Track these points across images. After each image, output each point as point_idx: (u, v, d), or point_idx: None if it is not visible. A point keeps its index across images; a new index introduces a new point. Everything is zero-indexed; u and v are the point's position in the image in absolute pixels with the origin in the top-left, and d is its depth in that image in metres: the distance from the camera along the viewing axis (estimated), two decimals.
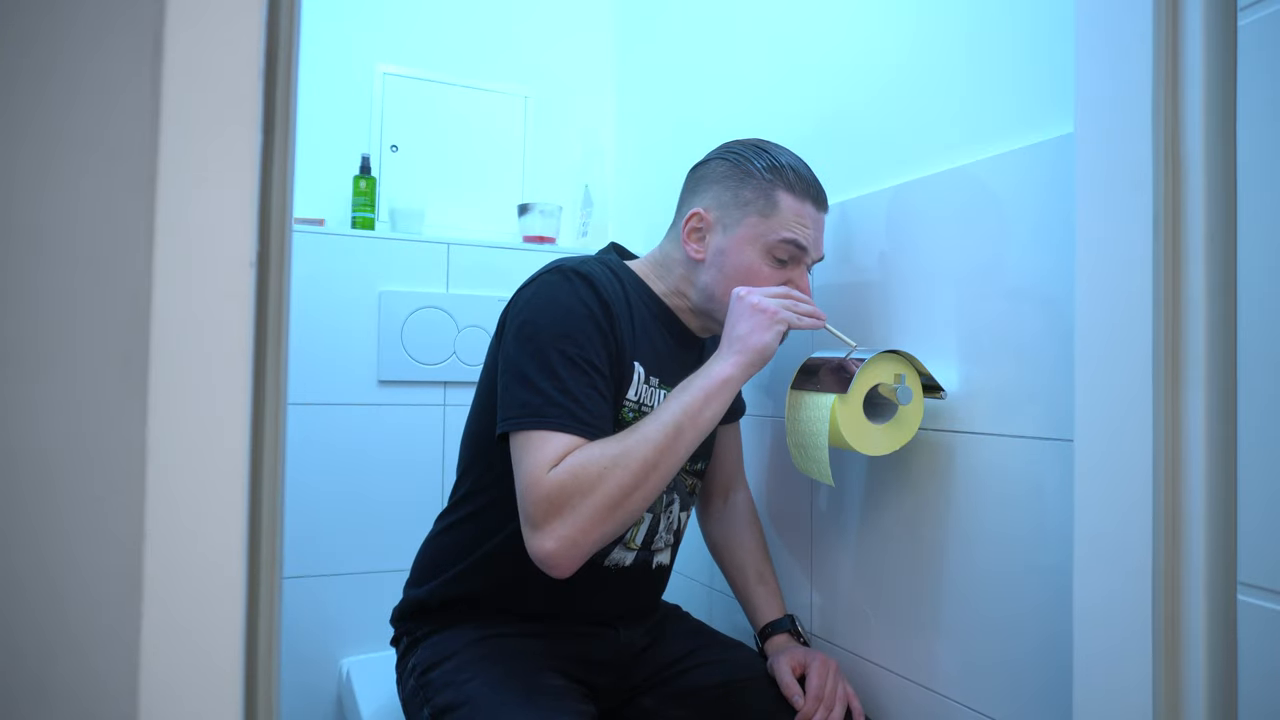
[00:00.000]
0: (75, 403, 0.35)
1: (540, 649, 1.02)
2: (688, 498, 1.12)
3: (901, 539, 1.01)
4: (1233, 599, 0.58)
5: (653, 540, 1.07)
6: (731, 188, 1.02)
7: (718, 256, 1.02)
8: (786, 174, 1.01)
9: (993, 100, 0.93)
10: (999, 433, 0.89)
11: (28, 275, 0.35)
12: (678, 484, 1.09)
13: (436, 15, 1.81)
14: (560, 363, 0.91)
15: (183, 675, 0.36)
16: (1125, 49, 0.64)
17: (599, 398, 0.92)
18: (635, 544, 1.05)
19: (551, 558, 0.86)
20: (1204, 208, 0.60)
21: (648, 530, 1.05)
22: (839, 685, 1.00)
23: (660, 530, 1.07)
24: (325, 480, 1.54)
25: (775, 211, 1.00)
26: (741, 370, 0.92)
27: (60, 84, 0.35)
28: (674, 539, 1.11)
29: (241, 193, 0.38)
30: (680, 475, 1.08)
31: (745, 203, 1.01)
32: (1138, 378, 0.63)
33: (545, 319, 0.94)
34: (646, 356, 1.02)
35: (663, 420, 0.89)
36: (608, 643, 1.07)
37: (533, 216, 1.74)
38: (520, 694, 0.92)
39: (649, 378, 1.02)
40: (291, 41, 0.41)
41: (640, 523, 1.04)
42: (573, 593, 1.00)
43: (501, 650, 1.00)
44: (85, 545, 0.35)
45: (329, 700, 1.54)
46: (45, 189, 0.35)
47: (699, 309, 1.07)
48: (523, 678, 0.96)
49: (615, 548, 1.04)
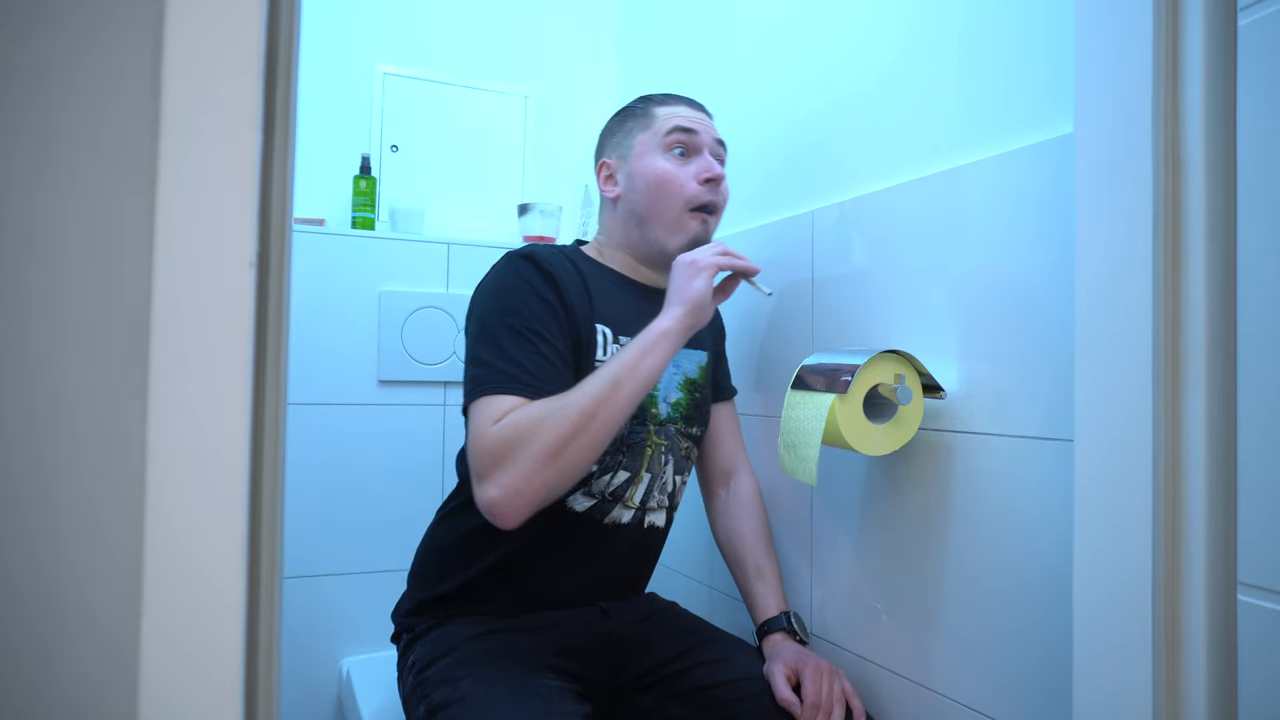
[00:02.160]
0: (76, 402, 0.35)
1: (535, 645, 1.03)
2: (683, 461, 1.16)
3: (901, 539, 1.01)
4: (1233, 599, 0.58)
5: (648, 500, 1.11)
6: (617, 129, 1.17)
7: (630, 181, 1.12)
8: (654, 96, 1.16)
9: (992, 100, 0.93)
10: (999, 433, 0.89)
11: (28, 275, 0.35)
12: (673, 446, 1.13)
13: (436, 15, 1.81)
14: (505, 335, 0.97)
15: (182, 675, 0.36)
16: (1125, 49, 0.64)
17: (543, 361, 0.97)
18: (633, 502, 1.09)
19: (495, 506, 0.89)
20: (1204, 208, 0.60)
21: (645, 489, 1.10)
22: (835, 685, 1.00)
23: (654, 491, 1.11)
24: (325, 480, 1.54)
25: (654, 119, 1.12)
26: (677, 322, 0.97)
27: (60, 84, 0.35)
28: (668, 502, 1.15)
29: (241, 193, 0.38)
30: (675, 438, 1.14)
31: (629, 131, 1.14)
32: (1138, 378, 0.63)
33: (489, 300, 1.02)
34: (612, 319, 1.08)
35: (601, 375, 0.93)
36: (597, 629, 1.09)
37: (533, 216, 1.74)
38: (512, 693, 0.93)
39: (618, 338, 1.07)
40: (291, 41, 0.41)
41: (639, 482, 1.09)
42: (564, 559, 1.06)
43: (496, 647, 1.02)
44: (85, 545, 0.35)
45: (329, 700, 1.54)
46: (45, 189, 0.35)
47: (643, 249, 1.13)
48: (516, 674, 0.97)
49: (616, 507, 1.08)
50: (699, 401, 1.18)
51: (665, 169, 1.09)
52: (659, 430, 1.12)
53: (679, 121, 1.11)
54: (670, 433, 1.13)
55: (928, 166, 1.01)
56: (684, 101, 1.15)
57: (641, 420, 1.09)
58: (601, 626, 1.10)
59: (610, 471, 1.07)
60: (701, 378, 1.19)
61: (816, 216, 1.19)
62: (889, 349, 0.94)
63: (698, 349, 1.19)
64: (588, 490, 1.06)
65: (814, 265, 1.19)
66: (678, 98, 1.16)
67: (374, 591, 1.56)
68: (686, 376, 1.17)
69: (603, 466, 1.06)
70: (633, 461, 1.09)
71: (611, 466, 1.07)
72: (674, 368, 1.15)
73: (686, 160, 1.10)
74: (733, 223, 1.41)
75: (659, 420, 1.12)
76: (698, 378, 1.19)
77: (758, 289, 1.06)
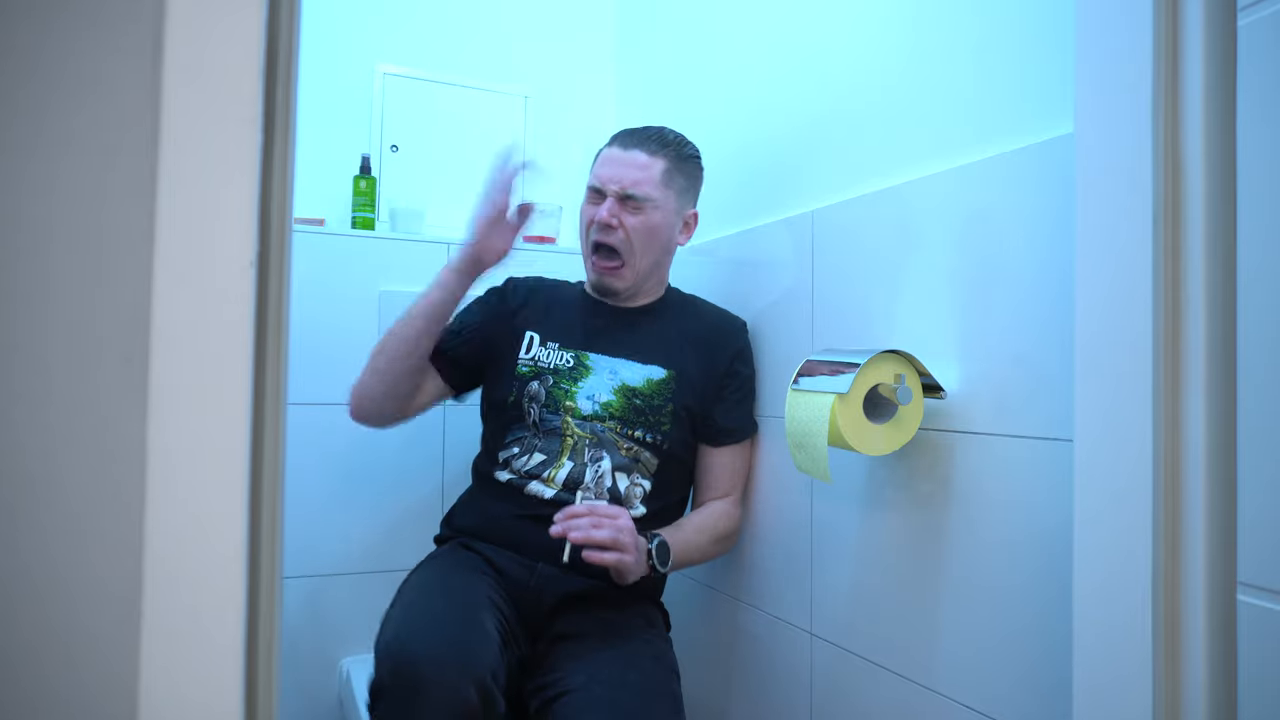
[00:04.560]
0: (76, 402, 0.35)
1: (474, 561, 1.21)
2: (623, 459, 1.25)
3: (901, 539, 1.01)
4: (1233, 599, 0.58)
5: (576, 486, 1.22)
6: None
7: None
8: (613, 136, 1.31)
9: (993, 100, 0.93)
10: (999, 433, 0.89)
11: (28, 275, 0.35)
12: (604, 443, 1.25)
13: (436, 15, 1.81)
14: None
15: (183, 675, 0.36)
16: (1125, 49, 0.64)
17: (457, 329, 1.30)
18: (555, 482, 1.23)
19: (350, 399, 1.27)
20: (1204, 208, 0.60)
21: (568, 474, 1.23)
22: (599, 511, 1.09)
23: (586, 480, 1.23)
24: (325, 480, 1.54)
25: (592, 168, 1.30)
26: (454, 260, 1.24)
27: (60, 84, 0.35)
28: (609, 496, 1.23)
29: (241, 193, 0.38)
30: (609, 436, 1.25)
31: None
32: (1138, 378, 0.63)
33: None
34: (548, 328, 1.31)
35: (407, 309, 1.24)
36: (525, 580, 1.19)
37: (532, 216, 1.74)
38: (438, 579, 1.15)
39: (546, 342, 1.30)
40: (291, 41, 0.41)
41: (558, 466, 1.23)
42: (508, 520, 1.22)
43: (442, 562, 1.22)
44: (85, 545, 0.35)
45: (329, 700, 1.53)
46: (45, 189, 0.35)
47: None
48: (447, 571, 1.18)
49: (532, 482, 1.23)
50: (642, 409, 1.25)
51: (581, 217, 1.30)
52: (581, 424, 1.25)
53: (592, 181, 1.28)
54: (598, 429, 1.25)
55: (928, 167, 1.01)
56: (617, 143, 1.28)
57: (554, 409, 1.25)
58: (530, 581, 1.19)
59: (528, 453, 1.25)
60: (648, 389, 1.26)
61: (816, 216, 1.19)
62: (889, 349, 0.94)
63: (651, 364, 1.27)
64: (509, 467, 1.25)
65: (814, 265, 1.19)
66: (620, 136, 1.29)
67: (374, 591, 1.55)
68: (624, 384, 1.27)
69: (522, 448, 1.26)
70: (549, 445, 1.25)
71: (528, 449, 1.25)
72: (610, 374, 1.27)
73: (596, 206, 1.26)
74: (733, 223, 1.41)
75: (578, 414, 1.25)
76: (641, 387, 1.26)
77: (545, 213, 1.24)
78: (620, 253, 1.26)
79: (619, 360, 1.28)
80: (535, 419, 1.26)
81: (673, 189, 1.27)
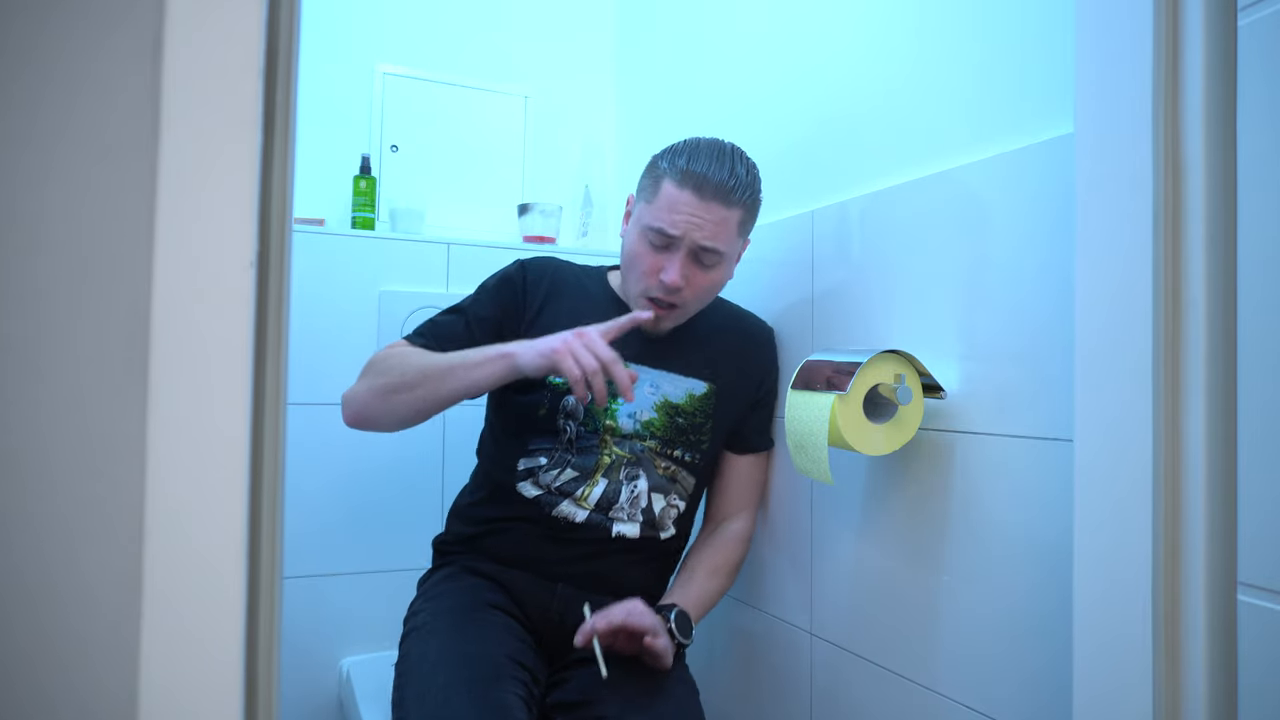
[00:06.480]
0: (75, 403, 0.35)
1: (490, 589, 1.16)
2: (660, 479, 1.18)
3: (901, 539, 1.01)
4: (1233, 599, 0.58)
5: (610, 507, 1.15)
6: (644, 177, 1.16)
7: (623, 239, 1.17)
8: (679, 164, 1.09)
9: (993, 100, 0.93)
10: (999, 433, 0.89)
11: (28, 275, 0.35)
12: (643, 462, 1.17)
13: (436, 15, 1.81)
14: (452, 310, 1.20)
15: (183, 675, 0.36)
16: (1125, 49, 0.64)
17: (451, 326, 1.17)
18: (587, 503, 1.15)
19: (342, 400, 1.13)
20: (1204, 208, 0.60)
21: (602, 494, 1.15)
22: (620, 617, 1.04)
23: (621, 500, 1.16)
24: (325, 480, 1.54)
25: (656, 199, 1.10)
26: (525, 359, 1.03)
27: (60, 84, 0.35)
28: (644, 517, 1.17)
29: (241, 193, 0.38)
30: (648, 455, 1.18)
31: (643, 189, 1.15)
32: (1138, 378, 0.63)
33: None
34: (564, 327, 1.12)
35: (448, 358, 1.07)
36: (547, 604, 1.16)
37: (533, 216, 1.74)
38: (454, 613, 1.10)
39: None
40: (291, 41, 0.41)
41: (592, 484, 1.15)
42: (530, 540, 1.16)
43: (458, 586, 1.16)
44: (85, 545, 0.35)
45: (329, 700, 1.53)
46: (45, 189, 0.35)
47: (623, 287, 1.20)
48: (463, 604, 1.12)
49: (564, 501, 1.14)
50: (684, 428, 1.19)
51: (640, 253, 1.12)
52: (620, 442, 1.17)
53: (663, 225, 1.07)
54: (637, 448, 1.17)
55: (928, 166, 1.01)
56: (693, 187, 1.07)
57: (593, 427, 1.16)
58: (552, 604, 1.16)
59: (558, 467, 1.15)
60: (690, 405, 1.20)
61: (816, 216, 1.19)
62: (889, 349, 0.94)
63: (692, 377, 1.20)
64: (535, 481, 1.16)
65: (814, 265, 1.19)
66: (695, 176, 1.07)
67: (374, 591, 1.55)
68: (666, 399, 1.19)
69: (551, 461, 1.16)
70: (583, 463, 1.16)
71: (559, 463, 1.16)
72: (651, 387, 1.18)
73: (659, 253, 1.10)
74: None
75: (619, 433, 1.17)
76: (683, 404, 1.19)
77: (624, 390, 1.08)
78: (678, 305, 1.14)
79: (659, 373, 1.19)
80: (571, 436, 1.16)
81: (742, 234, 1.15)
